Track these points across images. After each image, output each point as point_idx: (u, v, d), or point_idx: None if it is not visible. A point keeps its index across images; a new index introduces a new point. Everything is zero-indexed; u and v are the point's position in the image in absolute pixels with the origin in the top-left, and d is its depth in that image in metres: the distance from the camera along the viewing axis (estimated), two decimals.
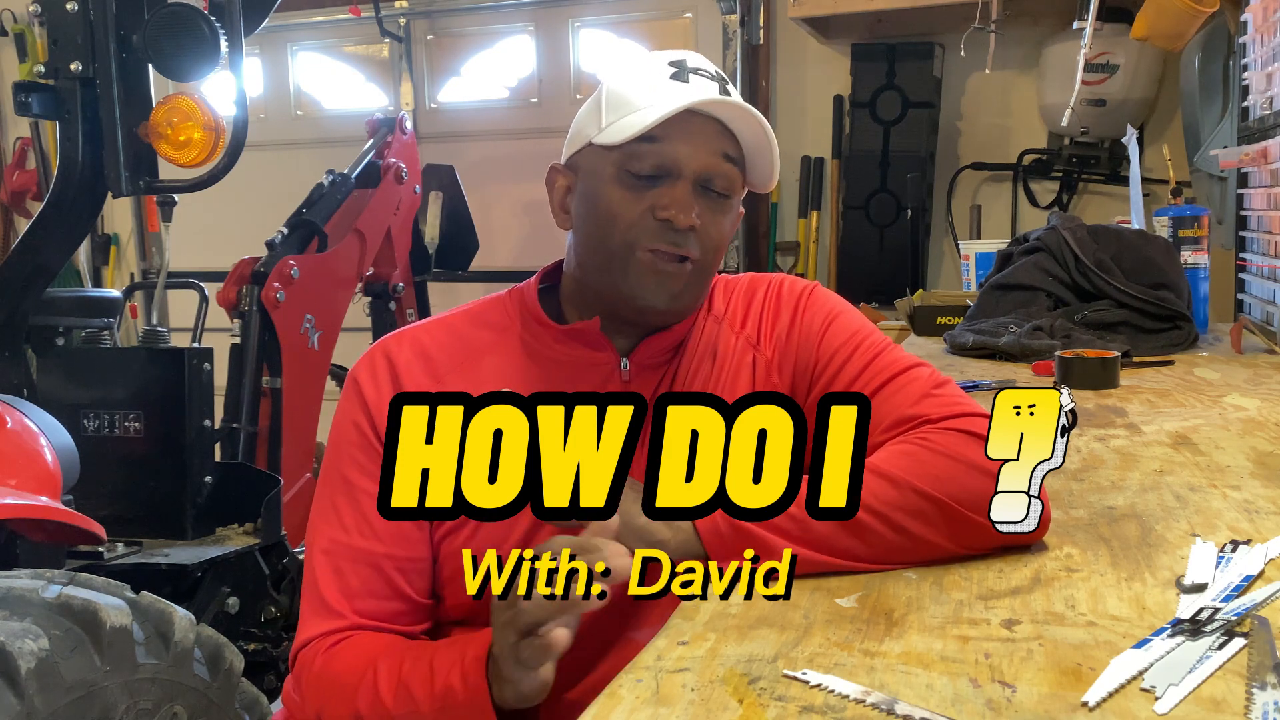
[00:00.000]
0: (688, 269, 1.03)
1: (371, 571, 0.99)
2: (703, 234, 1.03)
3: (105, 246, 5.05)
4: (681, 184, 1.02)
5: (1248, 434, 1.38)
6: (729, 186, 1.05)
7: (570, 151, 1.09)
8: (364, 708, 0.91)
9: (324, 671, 0.96)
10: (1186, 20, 2.75)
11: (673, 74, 1.03)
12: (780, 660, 0.72)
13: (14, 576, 1.47)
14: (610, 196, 1.03)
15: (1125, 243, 2.19)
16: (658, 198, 1.01)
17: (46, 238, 2.24)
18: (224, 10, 2.10)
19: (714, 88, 1.03)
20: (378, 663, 0.93)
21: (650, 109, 1.00)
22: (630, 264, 1.02)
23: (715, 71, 1.06)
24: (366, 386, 1.04)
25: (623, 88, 1.04)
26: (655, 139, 1.01)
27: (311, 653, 0.97)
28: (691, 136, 1.02)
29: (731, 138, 1.04)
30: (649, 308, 1.04)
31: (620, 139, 1.01)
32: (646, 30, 4.59)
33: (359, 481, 1.01)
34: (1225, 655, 0.69)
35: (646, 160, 1.01)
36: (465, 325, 1.10)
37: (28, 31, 4.81)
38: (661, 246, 1.02)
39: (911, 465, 0.91)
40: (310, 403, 2.66)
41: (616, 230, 1.02)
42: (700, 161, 1.02)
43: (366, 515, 1.00)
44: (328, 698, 0.95)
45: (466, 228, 3.52)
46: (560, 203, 1.10)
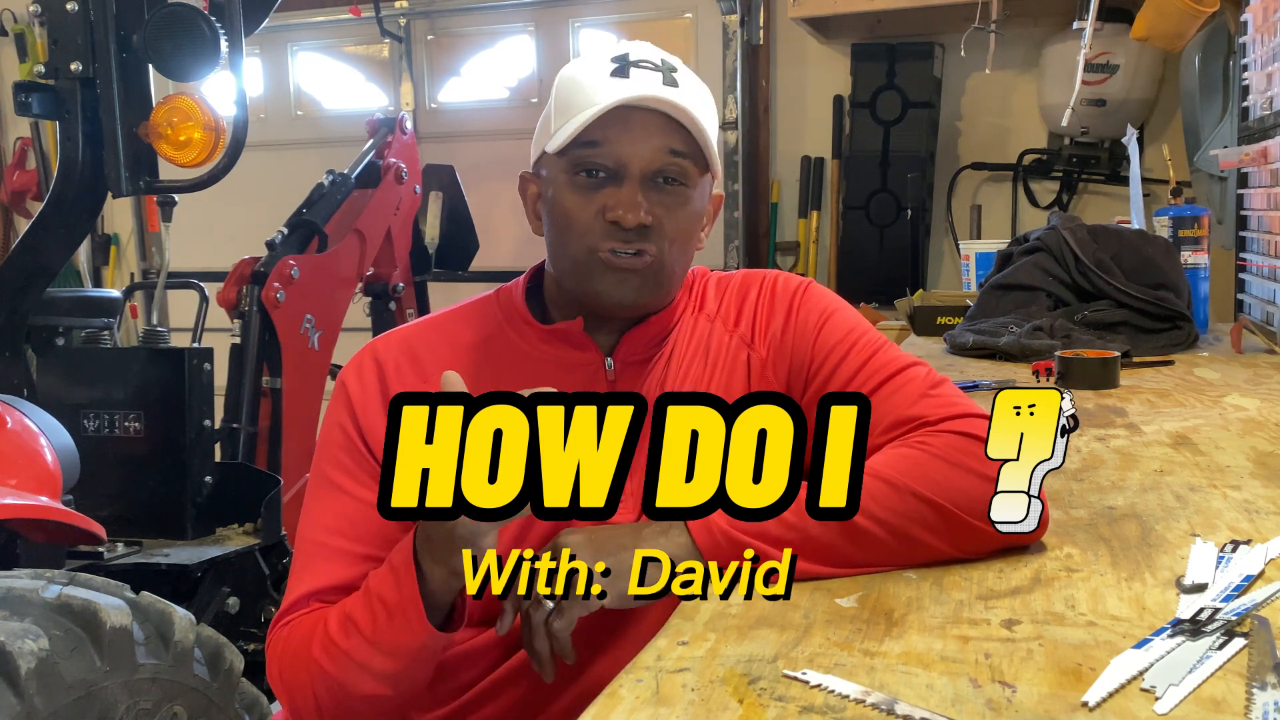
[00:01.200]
0: (646, 262, 1.03)
1: (345, 571, 0.99)
2: (657, 228, 1.02)
3: (105, 246, 5.05)
4: (628, 183, 1.01)
5: (1248, 434, 1.38)
6: (681, 177, 1.03)
7: (533, 158, 1.09)
8: (318, 653, 0.93)
9: (289, 638, 0.97)
10: (1186, 20, 2.75)
11: (613, 70, 1.02)
12: (780, 660, 0.72)
13: (14, 576, 1.46)
14: (566, 202, 1.03)
15: (1125, 243, 2.19)
16: (606, 199, 1.01)
17: (46, 238, 2.24)
18: (224, 10, 2.10)
19: (656, 79, 1.01)
20: (328, 614, 0.95)
21: (589, 110, 0.99)
22: (592, 266, 1.03)
23: (661, 60, 1.04)
24: (353, 388, 1.05)
25: (566, 90, 1.03)
26: (597, 142, 1.00)
27: (276, 634, 0.99)
28: (632, 134, 1.01)
29: (680, 129, 1.02)
30: (617, 304, 1.04)
31: (562, 143, 1.01)
32: (646, 30, 4.59)
33: (341, 482, 1.02)
34: (1225, 655, 0.69)
35: (591, 163, 1.01)
36: (452, 325, 1.10)
37: (28, 31, 4.81)
38: (615, 246, 1.02)
39: (912, 470, 0.90)
40: (310, 403, 2.66)
41: (573, 235, 1.03)
42: (644, 159, 1.01)
43: (348, 515, 1.00)
44: (290, 660, 0.96)
45: (466, 228, 3.52)
46: (532, 209, 1.11)
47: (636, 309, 1.06)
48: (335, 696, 0.92)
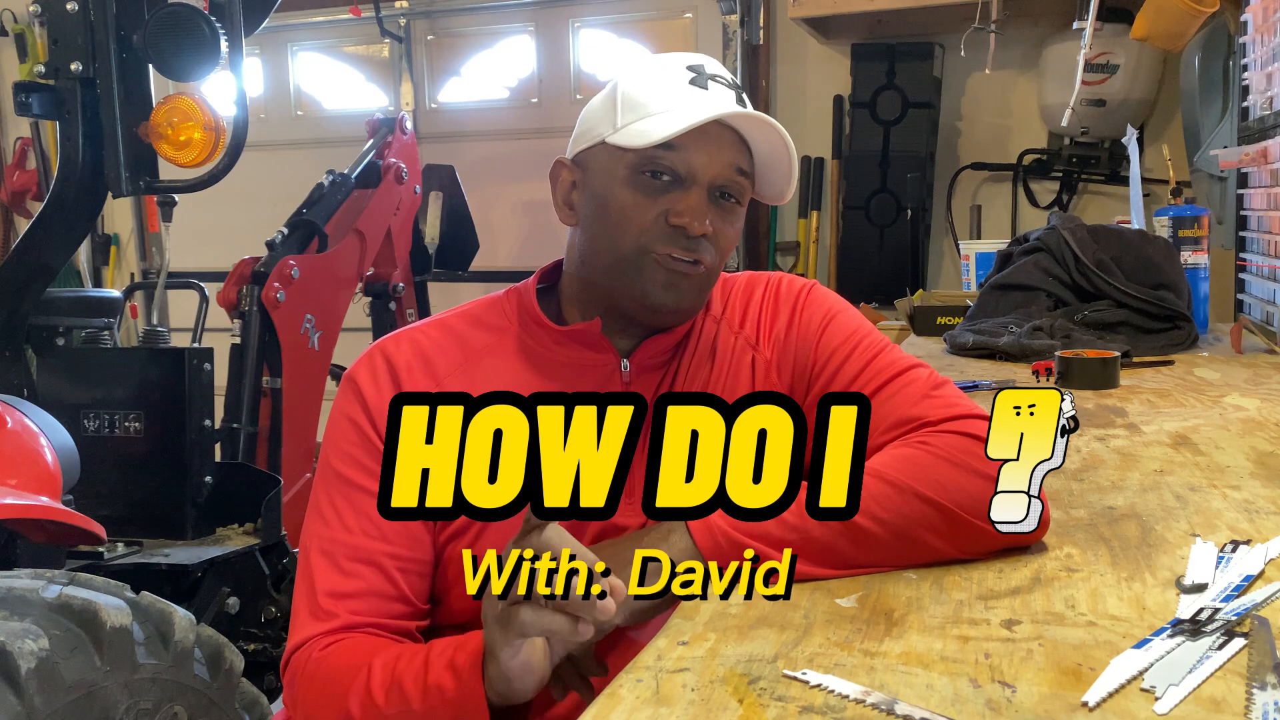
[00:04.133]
0: (700, 271, 1.04)
1: (374, 571, 0.98)
2: (714, 240, 1.04)
3: (105, 246, 5.05)
4: (696, 191, 1.02)
5: (1248, 434, 1.38)
6: (740, 195, 1.06)
7: (579, 148, 1.08)
8: (355, 708, 0.89)
9: (317, 672, 0.94)
10: (1186, 20, 2.75)
11: (691, 79, 1.03)
12: (780, 660, 0.72)
13: (14, 576, 1.47)
14: (623, 198, 1.03)
15: (1125, 243, 2.19)
16: (672, 203, 1.02)
17: (46, 238, 2.24)
18: (224, 10, 2.11)
19: (731, 96, 1.04)
20: (371, 662, 0.91)
21: (669, 114, 1.00)
22: (644, 266, 1.03)
23: (731, 79, 1.06)
24: (366, 386, 1.03)
25: (640, 89, 1.04)
26: (673, 146, 1.01)
27: (304, 655, 0.96)
28: (709, 146, 1.02)
29: (745, 149, 1.04)
30: (661, 307, 1.04)
31: (641, 143, 1.00)
32: (647, 30, 4.59)
33: (360, 481, 1.00)
34: (1225, 655, 0.69)
35: (663, 165, 1.02)
36: (463, 327, 1.09)
37: (28, 31, 4.81)
38: (675, 252, 1.02)
39: (912, 470, 0.90)
40: (310, 403, 2.66)
41: (629, 233, 1.03)
42: (715, 171, 1.02)
43: (369, 514, 0.99)
44: (320, 698, 0.93)
45: (466, 228, 3.52)
46: (565, 198, 1.10)
47: (677, 315, 1.06)
48: None
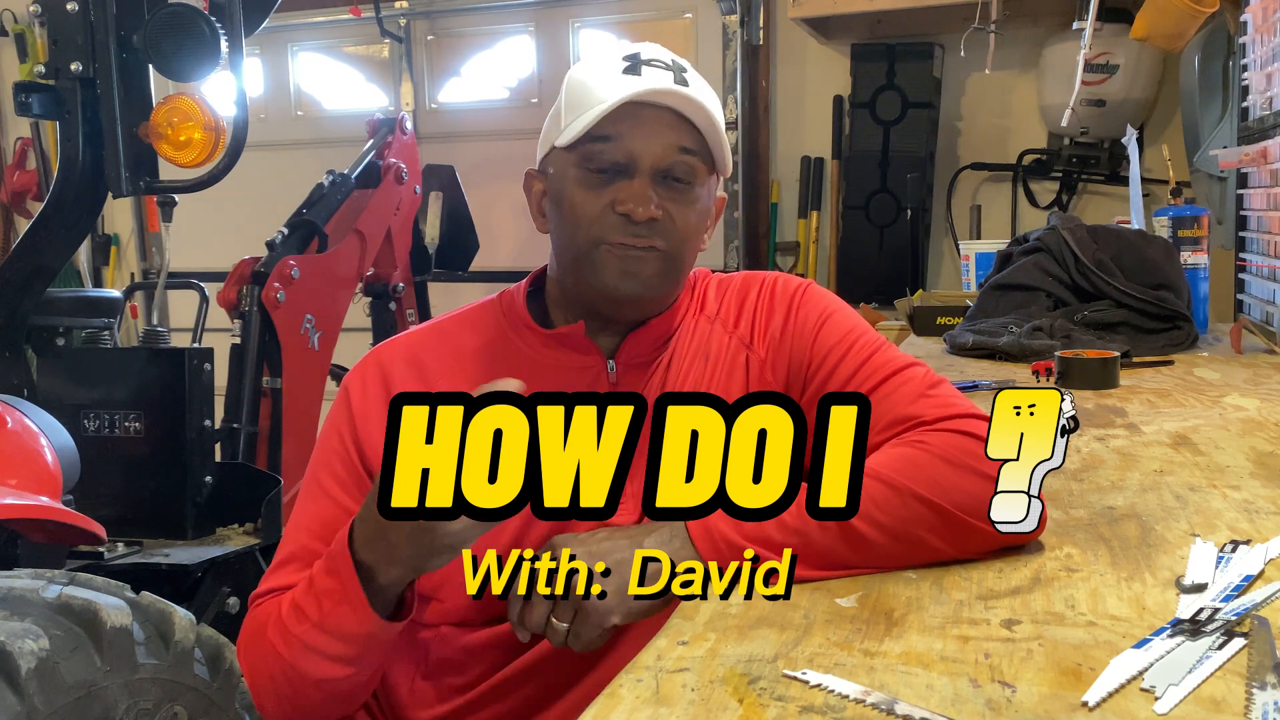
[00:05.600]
0: (655, 255, 1.03)
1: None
2: (666, 224, 1.03)
3: (105, 246, 5.05)
4: (639, 178, 1.02)
5: (1248, 434, 1.38)
6: (689, 175, 1.04)
7: (540, 155, 1.10)
8: (273, 635, 0.94)
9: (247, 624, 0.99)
10: (1186, 20, 2.75)
11: (625, 68, 1.03)
12: (780, 660, 0.72)
13: (14, 576, 1.47)
14: (574, 196, 1.04)
15: (1125, 243, 2.19)
16: (616, 192, 1.02)
17: (46, 238, 2.24)
18: (224, 10, 2.10)
19: (667, 78, 1.03)
20: (282, 599, 0.96)
21: (601, 105, 1.00)
22: (597, 258, 1.03)
23: (672, 61, 1.05)
24: (355, 397, 1.05)
25: (579, 87, 1.05)
26: (609, 136, 1.01)
27: (244, 621, 1.01)
28: (644, 130, 1.02)
29: (690, 127, 1.04)
30: (623, 296, 1.04)
31: (573, 138, 1.02)
32: (647, 30, 4.59)
33: (329, 488, 1.03)
34: (1225, 655, 0.69)
35: (603, 158, 1.02)
36: (456, 330, 1.11)
37: (28, 31, 4.81)
38: (624, 239, 1.02)
39: (911, 470, 0.90)
40: (310, 403, 2.66)
41: (581, 228, 1.03)
42: (655, 155, 1.02)
43: (326, 521, 1.00)
44: (249, 642, 0.98)
45: (466, 228, 3.52)
46: (538, 207, 1.11)
47: (641, 304, 1.06)
48: (289, 677, 0.94)
